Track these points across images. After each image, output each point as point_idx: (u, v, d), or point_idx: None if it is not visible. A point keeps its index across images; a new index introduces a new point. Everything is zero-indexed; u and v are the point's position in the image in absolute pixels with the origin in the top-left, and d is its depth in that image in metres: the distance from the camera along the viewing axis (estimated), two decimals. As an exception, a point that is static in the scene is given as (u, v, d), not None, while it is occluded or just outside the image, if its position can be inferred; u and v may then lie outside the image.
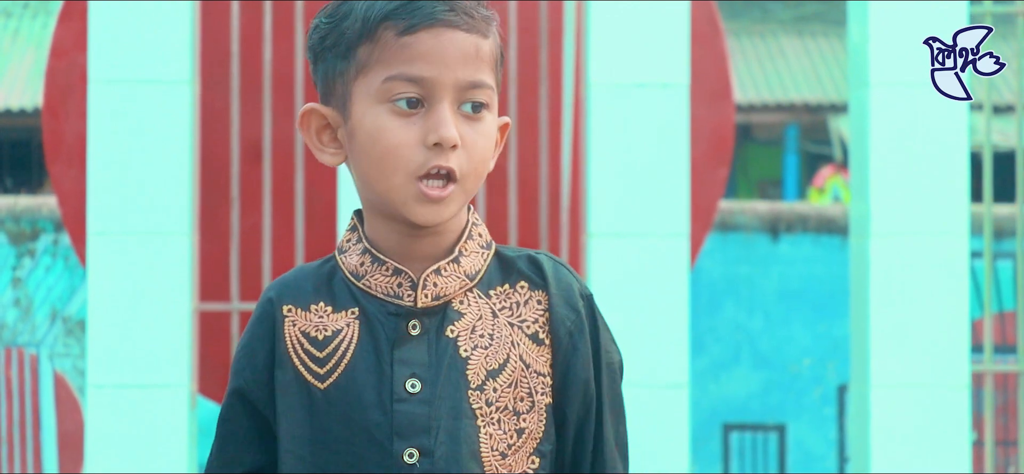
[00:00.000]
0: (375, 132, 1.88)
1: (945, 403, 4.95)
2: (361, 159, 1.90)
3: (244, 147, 5.40)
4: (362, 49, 1.90)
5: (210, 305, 5.17)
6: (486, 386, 1.89)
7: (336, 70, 1.92)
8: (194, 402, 5.04)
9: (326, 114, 1.95)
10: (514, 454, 1.90)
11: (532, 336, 1.93)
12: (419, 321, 1.90)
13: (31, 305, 7.39)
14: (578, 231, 5.31)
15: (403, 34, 1.88)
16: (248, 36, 5.40)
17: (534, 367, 1.92)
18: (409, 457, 1.87)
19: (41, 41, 16.99)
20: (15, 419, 7.37)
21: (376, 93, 1.89)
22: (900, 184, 4.96)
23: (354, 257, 1.95)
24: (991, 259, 5.25)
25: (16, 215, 7.42)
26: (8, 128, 17.59)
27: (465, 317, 1.91)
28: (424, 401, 1.88)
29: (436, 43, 1.88)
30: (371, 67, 1.89)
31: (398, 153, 1.87)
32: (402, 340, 1.90)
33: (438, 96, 1.88)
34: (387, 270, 1.92)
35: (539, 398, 1.91)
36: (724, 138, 6.14)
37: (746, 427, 7.67)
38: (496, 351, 1.91)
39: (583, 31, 5.15)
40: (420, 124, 1.88)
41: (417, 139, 1.87)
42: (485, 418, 1.89)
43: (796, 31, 20.06)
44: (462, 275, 1.92)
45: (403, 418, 1.87)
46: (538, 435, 1.91)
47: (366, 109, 1.89)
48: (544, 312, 1.94)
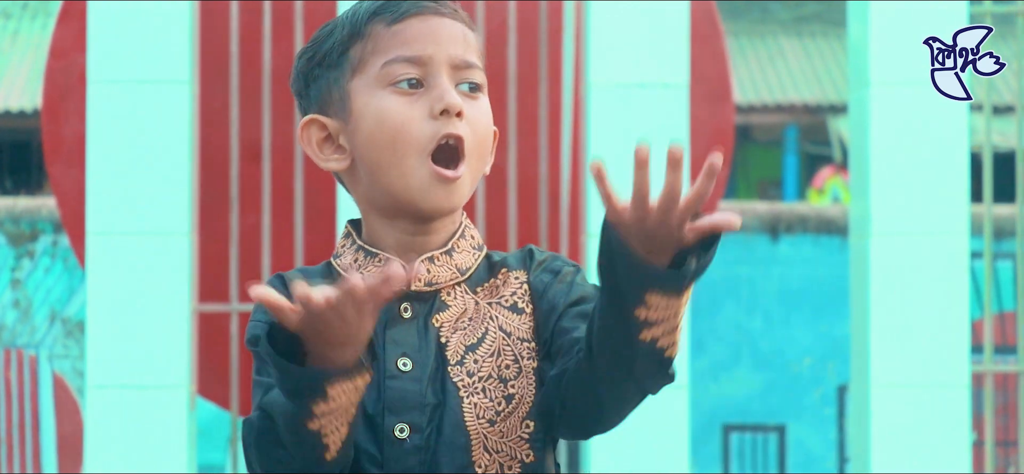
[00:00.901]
0: (380, 114, 1.93)
1: (945, 403, 4.95)
2: (370, 148, 1.93)
3: (243, 147, 5.39)
4: (354, 49, 1.95)
5: (209, 306, 5.17)
6: (466, 359, 1.93)
7: (329, 79, 1.97)
8: (193, 403, 5.03)
9: (326, 124, 1.98)
10: (503, 420, 1.92)
11: (511, 307, 1.97)
12: (410, 305, 1.94)
13: (30, 306, 7.39)
14: (578, 231, 5.31)
15: (393, 23, 1.94)
16: (247, 36, 5.39)
17: (516, 334, 1.95)
18: (400, 432, 1.90)
19: (40, 42, 16.98)
20: (14, 420, 7.37)
21: (376, 80, 1.93)
22: (900, 184, 4.96)
23: (348, 257, 1.99)
24: (991, 259, 5.25)
25: (15, 216, 7.42)
26: (7, 129, 17.59)
27: (450, 309, 1.95)
28: (415, 379, 1.91)
29: (426, 26, 1.94)
30: (366, 60, 1.94)
31: (407, 128, 1.91)
32: (394, 321, 1.93)
33: (436, 71, 1.93)
34: (379, 261, 1.96)
35: (526, 363, 1.94)
36: (724, 139, 6.13)
37: (746, 428, 7.67)
38: (474, 329, 1.94)
39: (583, 31, 5.15)
40: (423, 99, 1.92)
41: (423, 113, 1.92)
42: (467, 389, 1.91)
43: (796, 32, 20.05)
44: (453, 267, 1.96)
45: (394, 394, 1.90)
46: (530, 400, 1.93)
47: (368, 99, 1.94)
48: (522, 285, 1.98)
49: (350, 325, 1.71)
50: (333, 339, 1.72)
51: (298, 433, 1.78)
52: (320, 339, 1.73)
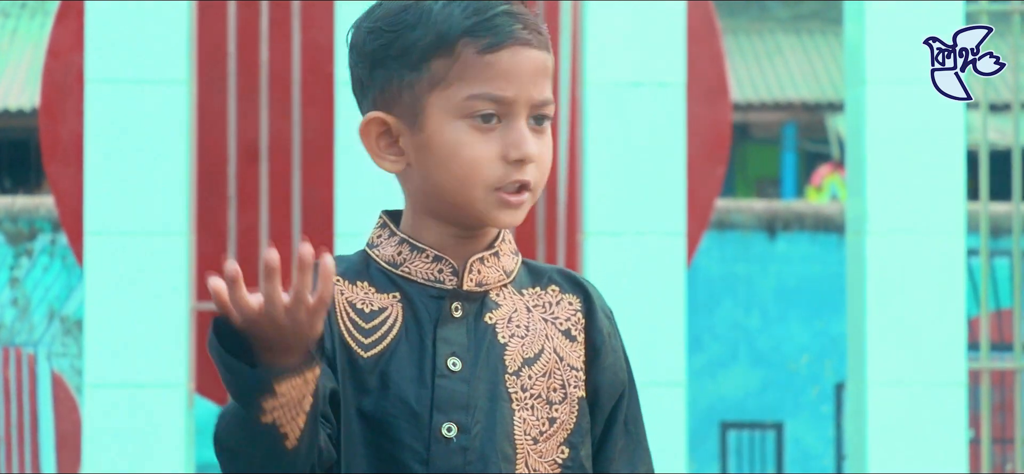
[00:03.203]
0: (455, 146, 1.92)
1: (942, 401, 4.95)
2: (437, 171, 1.93)
3: (241, 147, 5.40)
4: (438, 62, 1.92)
5: (207, 305, 5.17)
6: (522, 372, 1.95)
7: (404, 80, 1.94)
8: (191, 401, 5.04)
9: (388, 122, 1.96)
10: (545, 441, 1.95)
11: (565, 332, 1.99)
12: (462, 304, 1.95)
13: (29, 305, 7.39)
14: (575, 229, 5.32)
15: (484, 52, 1.91)
16: (245, 36, 5.40)
17: (567, 360, 1.98)
18: (447, 431, 1.91)
19: (38, 41, 16.98)
20: (13, 419, 7.37)
21: (456, 108, 1.92)
22: (897, 182, 4.96)
23: (389, 249, 1.99)
24: (987, 257, 5.26)
25: (14, 215, 7.42)
26: (5, 128, 17.60)
27: (502, 307, 1.97)
28: (464, 380, 1.93)
29: (515, 62, 1.92)
30: (450, 82, 1.92)
31: (478, 166, 1.92)
32: (445, 320, 1.94)
33: (516, 113, 1.93)
34: (427, 257, 1.97)
35: (572, 391, 1.97)
36: (721, 136, 6.14)
37: (743, 425, 7.68)
38: (532, 341, 1.97)
39: (580, 30, 5.15)
40: (498, 140, 1.92)
41: (497, 154, 1.92)
42: (520, 403, 1.94)
43: (793, 29, 20.06)
44: (500, 269, 1.98)
45: (443, 392, 1.92)
46: (570, 426, 1.96)
47: (443, 123, 1.92)
48: (576, 313, 2.00)
49: (286, 333, 1.74)
50: (273, 346, 1.75)
51: (253, 429, 1.79)
52: (261, 345, 1.76)
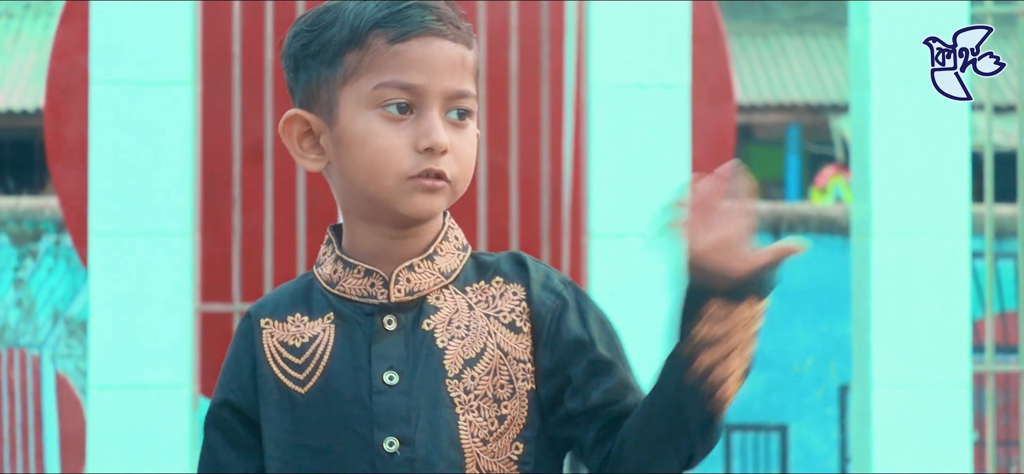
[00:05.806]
0: (365, 136, 1.91)
1: (946, 403, 4.95)
2: (350, 164, 1.92)
3: (245, 147, 5.40)
4: (350, 55, 1.92)
5: (212, 306, 5.18)
6: (463, 374, 1.92)
7: (321, 77, 1.94)
8: (196, 403, 5.04)
9: (309, 120, 1.96)
10: (496, 440, 1.92)
11: (509, 325, 1.95)
12: (395, 317, 1.93)
13: (33, 306, 7.40)
14: (579, 231, 5.32)
15: (394, 41, 1.90)
16: (249, 36, 5.40)
17: (513, 354, 1.94)
18: (389, 446, 1.90)
19: (43, 42, 16.99)
20: (17, 420, 7.38)
21: (366, 99, 1.91)
22: (901, 184, 4.96)
23: (328, 267, 1.98)
24: (992, 259, 5.25)
25: (18, 216, 7.43)
26: (10, 129, 17.60)
27: (441, 311, 1.94)
28: (403, 392, 1.91)
29: (426, 52, 1.91)
30: (360, 73, 1.91)
31: (389, 156, 1.90)
32: (378, 335, 1.93)
33: (428, 103, 1.90)
34: (358, 273, 1.95)
35: (520, 385, 1.94)
36: (725, 138, 6.14)
37: (748, 427, 7.67)
38: (473, 341, 1.93)
39: (584, 31, 5.15)
40: (410, 129, 1.91)
41: (408, 143, 1.90)
42: (464, 406, 1.91)
43: (798, 31, 20.05)
44: (436, 272, 1.95)
45: (382, 408, 1.90)
46: (521, 422, 1.93)
47: (355, 114, 1.91)
48: (520, 302, 1.96)
49: None
50: None
51: None
52: None
